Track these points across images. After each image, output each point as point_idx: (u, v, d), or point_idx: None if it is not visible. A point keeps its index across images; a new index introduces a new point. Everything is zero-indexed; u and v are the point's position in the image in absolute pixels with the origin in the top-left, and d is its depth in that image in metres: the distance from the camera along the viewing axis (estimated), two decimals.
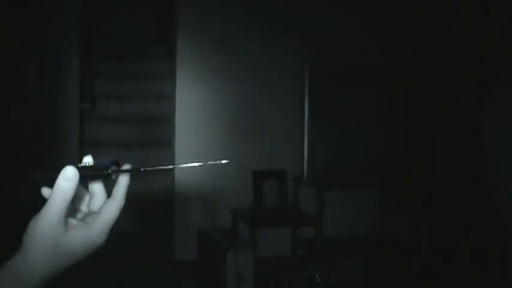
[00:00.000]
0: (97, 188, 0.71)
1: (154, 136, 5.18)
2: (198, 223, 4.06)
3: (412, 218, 4.35)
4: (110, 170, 0.66)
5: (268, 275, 3.78)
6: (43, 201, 0.63)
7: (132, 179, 0.70)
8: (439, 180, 4.37)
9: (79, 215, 0.70)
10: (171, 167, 0.73)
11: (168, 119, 4.71)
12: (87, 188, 0.72)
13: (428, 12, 4.47)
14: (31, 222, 0.63)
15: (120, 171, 0.68)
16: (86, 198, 0.72)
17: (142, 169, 0.69)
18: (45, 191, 0.66)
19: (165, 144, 4.75)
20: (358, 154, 4.12)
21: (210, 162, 0.75)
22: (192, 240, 3.96)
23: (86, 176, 0.65)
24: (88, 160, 0.67)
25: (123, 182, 0.69)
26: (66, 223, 0.63)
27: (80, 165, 0.65)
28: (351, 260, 4.18)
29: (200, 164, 0.74)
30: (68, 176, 0.62)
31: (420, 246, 4.19)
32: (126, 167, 0.69)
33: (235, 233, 3.87)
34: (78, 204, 0.72)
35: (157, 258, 4.33)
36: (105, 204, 0.68)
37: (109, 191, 0.70)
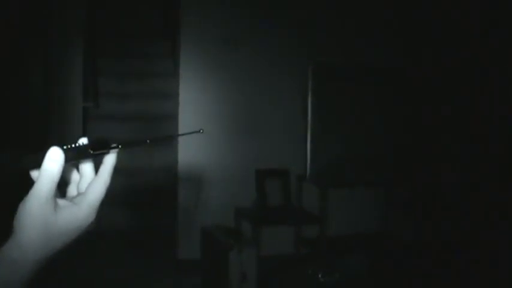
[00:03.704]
0: (86, 168, 0.71)
1: (158, 134, 5.19)
2: (201, 222, 4.06)
3: (415, 217, 4.35)
4: (90, 150, 0.67)
5: (272, 273, 3.78)
6: (32, 185, 0.64)
7: (118, 157, 0.71)
8: (443, 179, 4.36)
9: (68, 198, 0.70)
10: (148, 142, 0.73)
11: (171, 118, 4.71)
12: (78, 170, 0.73)
13: (430, 12, 4.46)
14: (20, 206, 0.63)
15: (102, 151, 0.68)
16: (76, 180, 0.73)
17: (120, 146, 0.70)
18: (34, 174, 0.66)
19: (168, 142, 4.76)
20: (361, 152, 4.12)
21: (184, 134, 0.78)
22: (196, 239, 3.97)
23: (70, 156, 0.65)
24: (83, 141, 0.68)
25: (109, 160, 0.70)
26: (54, 203, 0.64)
27: (66, 146, 0.66)
28: (354, 258, 4.18)
29: (175, 135, 0.77)
30: (53, 157, 0.63)
31: (423, 245, 4.19)
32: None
33: (238, 232, 3.87)
34: (69, 187, 0.73)
35: (160, 257, 4.34)
36: (91, 183, 0.68)
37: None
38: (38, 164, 0.63)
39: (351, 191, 4.41)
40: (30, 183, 0.65)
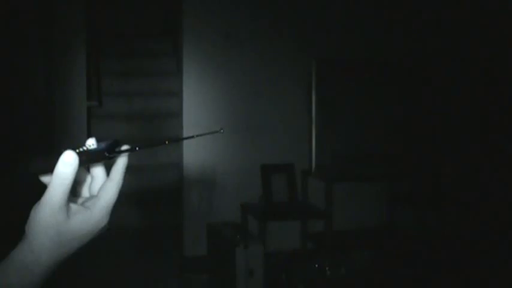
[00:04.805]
0: (98, 170, 0.70)
1: (162, 133, 5.19)
2: (207, 218, 4.06)
3: (421, 210, 4.33)
4: (106, 153, 0.66)
5: (278, 269, 3.77)
6: (44, 189, 0.62)
7: (130, 159, 0.69)
8: (448, 172, 4.34)
9: (80, 200, 0.70)
10: (166, 142, 0.72)
11: (175, 116, 4.71)
12: (89, 171, 0.71)
13: (438, 5, 4.43)
14: (32, 211, 0.62)
15: (117, 153, 0.67)
16: (88, 181, 0.72)
17: (138, 148, 0.68)
18: (46, 179, 0.65)
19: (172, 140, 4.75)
20: (366, 146, 4.10)
21: (204, 134, 0.76)
22: (202, 236, 3.97)
23: (84, 160, 0.64)
24: (91, 142, 0.66)
25: (120, 162, 0.68)
26: (67, 209, 0.63)
27: (78, 150, 0.64)
28: (360, 252, 4.17)
29: (194, 136, 0.75)
30: (67, 161, 0.61)
31: (429, 238, 4.18)
32: (125, 148, 0.68)
33: (244, 228, 3.87)
34: (80, 189, 0.72)
35: (166, 254, 4.35)
36: (103, 186, 0.67)
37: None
38: (50, 168, 0.62)
39: (356, 185, 4.40)
40: (42, 187, 0.63)
